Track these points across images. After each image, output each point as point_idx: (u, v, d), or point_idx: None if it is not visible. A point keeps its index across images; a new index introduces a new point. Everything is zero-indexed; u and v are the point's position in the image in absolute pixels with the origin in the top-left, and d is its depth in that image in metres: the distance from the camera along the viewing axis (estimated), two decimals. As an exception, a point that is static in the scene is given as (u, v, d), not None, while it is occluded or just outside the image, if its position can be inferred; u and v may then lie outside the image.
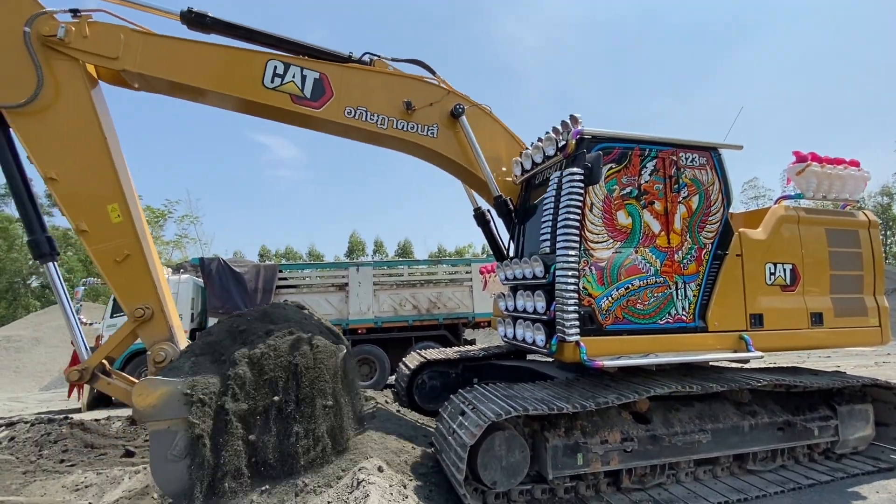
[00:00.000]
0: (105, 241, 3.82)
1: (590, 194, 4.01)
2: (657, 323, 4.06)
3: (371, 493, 3.11)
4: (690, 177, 4.34)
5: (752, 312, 4.33)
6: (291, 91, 4.37)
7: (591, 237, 4.02)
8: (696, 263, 4.23)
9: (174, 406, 3.35)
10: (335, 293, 10.10)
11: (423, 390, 6.37)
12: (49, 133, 3.76)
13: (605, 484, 3.75)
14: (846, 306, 4.74)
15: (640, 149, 4.25)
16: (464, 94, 5.05)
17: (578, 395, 3.62)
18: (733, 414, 4.06)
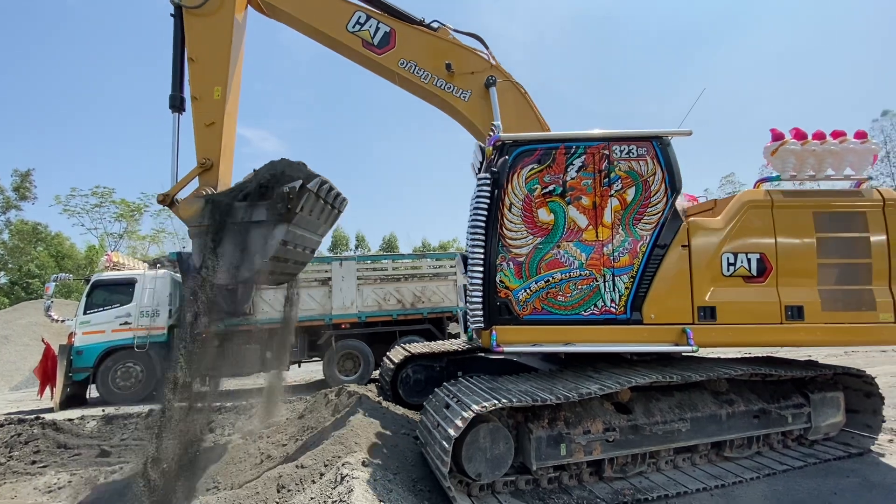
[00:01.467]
0: (204, 110, 5.12)
1: (509, 195, 4.30)
2: (581, 314, 4.18)
3: (355, 487, 3.09)
4: (626, 169, 4.31)
5: (700, 305, 4.13)
6: (364, 37, 5.46)
7: (510, 234, 4.30)
8: (629, 256, 4.23)
9: (203, 215, 4.77)
10: (318, 288, 9.98)
11: (408, 384, 6.36)
12: (203, 30, 5.20)
13: (587, 473, 3.80)
14: (841, 299, 4.19)
15: (565, 147, 4.38)
16: (507, 72, 5.53)
17: (562, 387, 3.65)
18: (711, 403, 4.15)
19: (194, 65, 5.18)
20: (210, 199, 4.78)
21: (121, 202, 31.56)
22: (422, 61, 5.44)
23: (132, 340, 9.12)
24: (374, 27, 5.42)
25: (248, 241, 4.76)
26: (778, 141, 4.50)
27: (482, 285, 4.17)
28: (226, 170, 5.26)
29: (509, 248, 4.27)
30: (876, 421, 4.66)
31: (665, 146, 4.32)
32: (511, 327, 4.16)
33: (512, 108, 5.38)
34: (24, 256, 29.77)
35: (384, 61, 5.44)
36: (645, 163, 4.30)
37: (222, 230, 4.71)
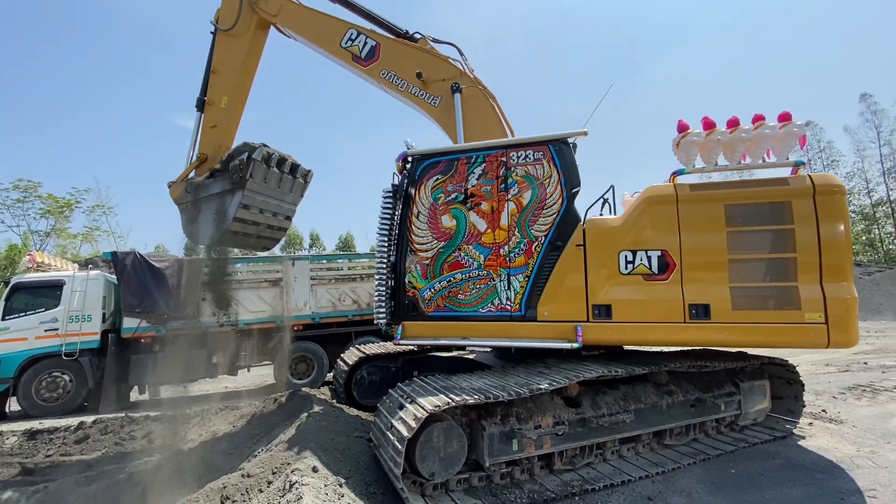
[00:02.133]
0: (212, 113, 6.41)
1: (416, 204, 4.84)
2: (479, 311, 4.55)
3: (304, 494, 3.00)
4: (522, 174, 4.55)
5: (595, 303, 4.20)
6: (354, 52, 6.19)
7: (417, 240, 4.83)
8: (524, 256, 4.44)
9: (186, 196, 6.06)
10: (269, 289, 9.62)
11: (363, 386, 6.26)
12: (227, 48, 6.46)
13: (538, 467, 3.89)
14: (758, 297, 3.90)
15: (466, 157, 4.78)
16: (475, 79, 5.90)
17: (514, 383, 3.72)
18: (653, 394, 4.37)
19: (214, 76, 6.49)
20: (187, 180, 6.09)
21: (48, 197, 28.98)
22: (400, 71, 6.02)
23: (59, 348, 8.40)
24: (363, 42, 6.17)
25: (218, 208, 5.76)
26: (681, 132, 4.42)
27: (384, 286, 4.79)
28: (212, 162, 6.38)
29: (416, 252, 4.80)
30: (797, 406, 5.09)
31: (561, 148, 4.51)
32: (417, 323, 4.73)
33: (476, 113, 5.64)
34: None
35: (369, 73, 6.17)
36: (541, 166, 4.51)
37: (198, 204, 5.96)
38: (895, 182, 40.07)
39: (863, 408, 5.93)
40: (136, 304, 8.55)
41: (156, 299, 8.57)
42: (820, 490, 3.69)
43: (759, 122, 4.24)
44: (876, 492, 3.62)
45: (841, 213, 3.92)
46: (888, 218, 40.86)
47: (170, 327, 8.76)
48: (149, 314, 8.59)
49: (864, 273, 25.75)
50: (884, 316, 20.11)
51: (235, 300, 9.30)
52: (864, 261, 39.12)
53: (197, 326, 8.94)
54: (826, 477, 3.92)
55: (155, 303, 8.55)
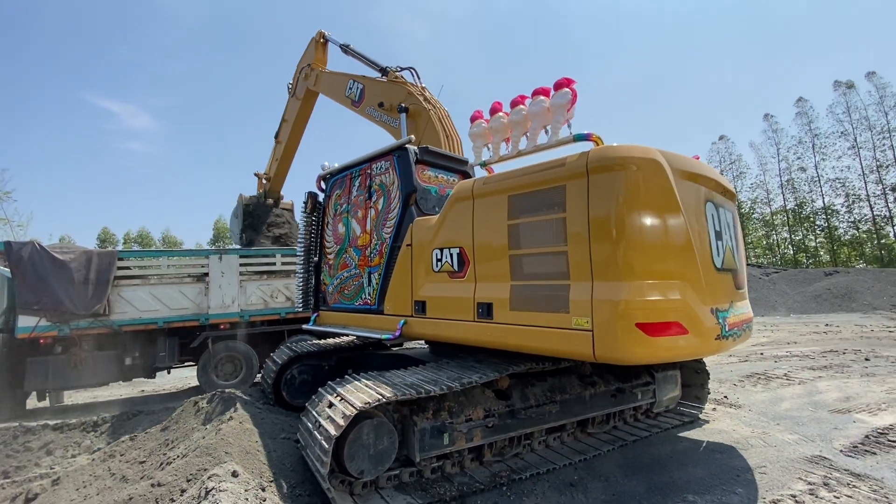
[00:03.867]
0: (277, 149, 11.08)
1: (327, 215, 5.89)
2: (354, 304, 5.26)
3: (221, 500, 2.84)
4: (379, 183, 5.10)
5: (416, 299, 4.40)
6: (352, 97, 7.86)
7: (326, 244, 5.88)
8: (379, 256, 4.94)
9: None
10: (192, 284, 8.96)
11: (293, 385, 6.02)
12: (292, 106, 10.33)
13: (469, 460, 3.96)
14: (531, 297, 3.42)
15: (350, 172, 5.54)
16: (424, 99, 6.63)
17: (446, 378, 3.75)
18: (577, 385, 4.60)
19: (284, 123, 10.37)
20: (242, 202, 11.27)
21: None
22: (374, 105, 7.31)
23: (-65, 351, 7.30)
24: (357, 88, 7.79)
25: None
26: (472, 122, 4.32)
27: (301, 285, 6.05)
28: (277, 184, 11.44)
29: (326, 254, 5.84)
30: (703, 393, 5.58)
31: (400, 156, 4.91)
32: (326, 312, 5.76)
33: (418, 129, 6.35)
34: None
35: (360, 113, 7.63)
36: (388, 174, 4.99)
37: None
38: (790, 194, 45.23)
39: (758, 393, 6.63)
40: (33, 301, 7.62)
41: (58, 295, 7.69)
42: (719, 469, 4.07)
43: (536, 97, 3.82)
44: (766, 468, 4.05)
45: (619, 194, 3.04)
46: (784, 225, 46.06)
47: (75, 326, 7.90)
48: (49, 311, 7.69)
49: (763, 274, 28.88)
50: (778, 312, 22.65)
51: (155, 297, 8.59)
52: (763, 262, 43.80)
53: (107, 325, 8.13)
54: (725, 457, 4.33)
55: (57, 299, 7.67)
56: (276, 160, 10.60)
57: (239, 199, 11.85)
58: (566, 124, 3.72)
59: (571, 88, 3.61)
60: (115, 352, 8.28)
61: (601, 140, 3.39)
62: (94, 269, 8.04)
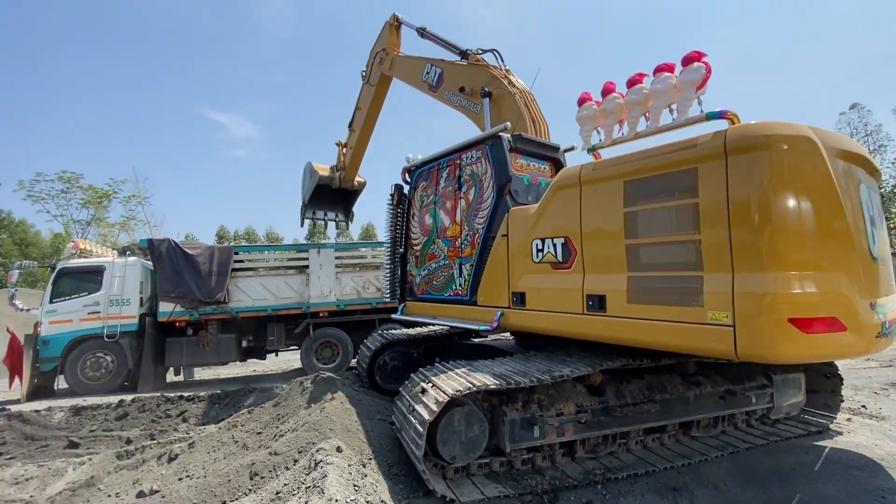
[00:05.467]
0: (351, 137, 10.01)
1: (414, 207, 5.97)
2: (444, 295, 5.31)
3: (329, 473, 3.08)
4: (470, 173, 5.02)
5: (514, 291, 4.32)
6: (430, 82, 7.35)
7: (413, 236, 5.98)
8: (470, 247, 4.89)
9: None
10: (295, 276, 9.84)
11: (385, 370, 6.35)
12: (366, 93, 9.28)
13: (560, 454, 3.87)
14: (656, 289, 3.16)
15: (437, 164, 5.54)
16: (509, 82, 6.14)
17: (535, 370, 3.70)
18: (680, 385, 4.27)
19: (357, 111, 9.68)
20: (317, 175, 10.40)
21: (88, 188, 30.36)
22: (454, 89, 6.91)
23: (101, 330, 8.84)
24: (434, 72, 7.32)
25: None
26: (580, 105, 3.96)
27: (389, 276, 6.28)
28: (351, 172, 10.51)
29: (412, 245, 5.95)
30: (835, 400, 4.88)
31: (494, 144, 4.75)
32: (413, 303, 5.91)
33: (503, 114, 5.95)
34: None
35: (438, 97, 7.27)
36: (481, 164, 4.88)
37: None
38: (949, 169, 37.47)
39: (907, 404, 5.64)
40: (170, 290, 8.90)
41: (189, 285, 8.89)
42: (858, 487, 3.53)
43: (660, 73, 3.42)
44: (919, 491, 3.45)
45: (766, 176, 2.73)
46: (940, 206, 38.33)
47: (202, 312, 9.09)
48: (182, 299, 8.93)
49: (913, 265, 24.30)
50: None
51: (265, 287, 9.57)
52: (910, 252, 36.76)
53: (227, 311, 9.24)
54: (865, 475, 3.75)
55: (188, 288, 8.87)
56: (351, 148, 9.99)
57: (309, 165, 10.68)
58: (696, 102, 3.32)
59: (704, 62, 3.21)
60: (234, 335, 9.39)
61: (737, 118, 3.06)
62: (216, 262, 9.16)
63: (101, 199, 30.60)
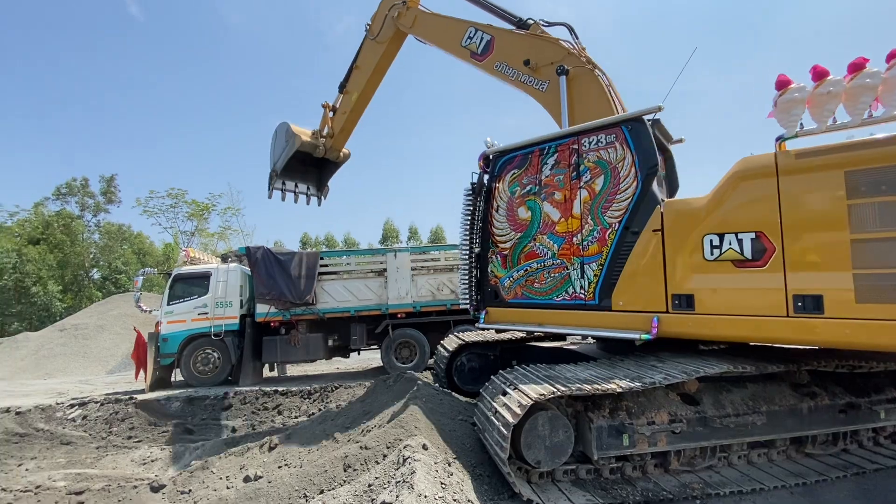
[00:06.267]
0: (345, 102, 8.31)
1: (496, 199, 5.19)
2: (553, 299, 4.64)
3: (417, 469, 3.19)
4: (594, 160, 4.41)
5: (675, 293, 3.83)
6: (472, 49, 6.42)
7: (497, 232, 5.18)
8: (598, 244, 4.31)
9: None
10: (374, 279, 10.29)
11: (462, 372, 6.43)
12: (373, 51, 7.78)
13: (652, 465, 3.68)
14: (893, 287, 3.04)
15: (539, 150, 4.85)
16: (585, 59, 5.53)
17: (623, 376, 3.55)
18: (790, 396, 3.87)
19: (356, 70, 8.04)
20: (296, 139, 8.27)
21: (192, 202, 34.06)
22: (511, 61, 6.07)
23: (209, 329, 9.89)
24: (480, 38, 6.40)
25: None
26: (780, 89, 3.63)
27: (468, 278, 5.33)
28: (339, 141, 8.62)
29: (497, 243, 5.15)
30: None
31: (636, 127, 4.18)
32: (499, 309, 5.13)
33: (582, 95, 5.38)
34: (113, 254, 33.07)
35: (484, 67, 6.40)
36: (614, 149, 4.31)
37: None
38: None
39: None
40: (266, 293, 9.72)
41: (281, 288, 9.66)
42: None
43: (894, 60, 3.19)
44: None
45: None
46: None
47: (293, 313, 9.83)
48: (276, 301, 9.72)
49: None
50: None
51: (347, 289, 10.13)
52: None
53: (314, 312, 9.90)
54: None
55: (280, 291, 9.63)
56: (344, 113, 8.29)
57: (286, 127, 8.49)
58: None
59: None
60: (321, 334, 10.04)
61: None
62: (305, 266, 9.87)
63: (202, 212, 34.20)
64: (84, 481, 5.03)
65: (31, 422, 7.44)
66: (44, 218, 32.20)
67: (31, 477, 5.27)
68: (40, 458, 5.95)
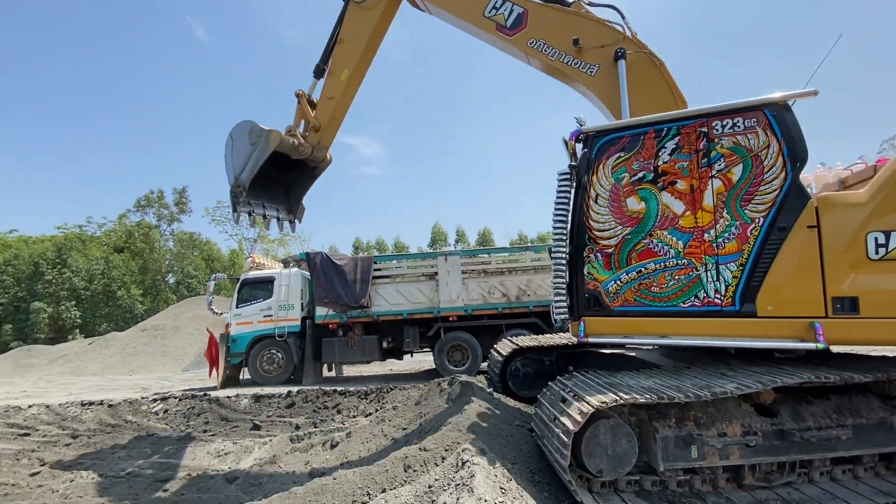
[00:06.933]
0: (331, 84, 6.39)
1: (594, 186, 4.27)
2: (678, 306, 3.94)
3: (476, 473, 3.23)
4: (730, 145, 3.88)
5: (836, 296, 3.51)
6: (498, 21, 5.54)
7: (597, 226, 4.27)
8: (737, 241, 3.80)
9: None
10: (426, 282, 10.47)
11: (517, 377, 6.39)
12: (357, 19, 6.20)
13: (723, 479, 3.49)
14: None
15: (655, 131, 4.14)
16: (641, 43, 5.14)
17: (691, 384, 3.40)
18: (879, 408, 3.54)
19: (340, 45, 6.35)
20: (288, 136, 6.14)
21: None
22: (550, 39, 5.38)
23: (273, 330, 10.49)
24: (509, 10, 5.53)
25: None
26: None
27: (565, 280, 4.28)
28: (328, 135, 6.59)
29: (597, 239, 4.26)
30: None
31: (781, 113, 3.75)
32: (601, 318, 4.19)
33: (643, 82, 5.04)
34: (185, 261, 35.79)
35: (515, 42, 5.52)
36: (755, 135, 3.82)
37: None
38: None
39: None
40: (324, 296, 10.18)
41: (338, 291, 10.07)
42: None
43: None
44: None
45: None
46: None
47: (350, 315, 10.21)
48: (333, 304, 10.15)
49: None
50: None
51: (400, 293, 10.38)
52: None
53: (369, 315, 10.23)
54: None
55: (337, 294, 10.05)
56: (331, 98, 6.45)
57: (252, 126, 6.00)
58: None
59: None
60: (376, 336, 10.36)
61: None
62: (359, 270, 10.23)
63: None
64: (168, 470, 5.50)
65: (121, 414, 8.23)
66: (126, 228, 35.41)
67: (122, 464, 5.83)
68: (130, 447, 6.56)
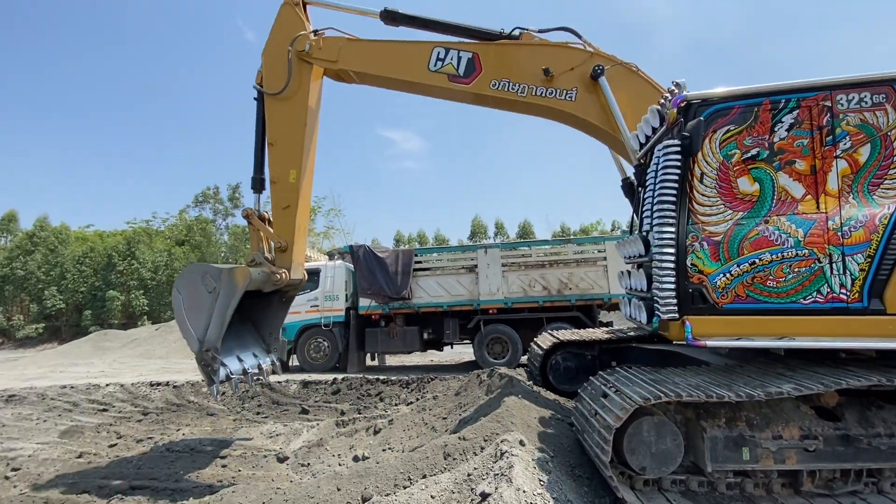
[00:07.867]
0: (280, 193, 5.51)
1: (699, 164, 3.75)
2: (799, 302, 3.52)
3: (515, 464, 3.23)
4: (856, 123, 3.52)
5: None
6: (448, 72, 5.24)
7: (702, 210, 3.76)
8: (865, 230, 3.43)
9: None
10: (466, 275, 10.51)
11: (558, 371, 6.31)
12: (281, 114, 5.52)
13: (778, 484, 3.31)
14: None
15: (770, 102, 3.69)
16: (609, 55, 5.05)
17: (743, 384, 3.23)
18: (965, 418, 3.21)
19: (273, 149, 5.51)
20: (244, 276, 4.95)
21: (301, 206, 37.60)
22: (514, 75, 5.10)
23: (319, 320, 10.91)
24: (455, 58, 5.21)
25: None
26: None
27: (674, 269, 3.69)
28: (299, 250, 5.68)
29: (702, 225, 3.73)
30: None
31: None
32: (708, 317, 3.66)
33: (629, 91, 4.95)
34: (239, 253, 37.75)
35: (475, 88, 5.18)
36: (884, 113, 3.47)
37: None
38: None
39: None
40: (367, 287, 10.45)
41: (380, 283, 10.31)
42: None
43: None
44: None
45: None
46: None
47: (391, 306, 10.43)
48: (375, 295, 10.41)
49: None
50: None
51: (440, 285, 10.49)
52: None
53: (411, 306, 10.40)
54: None
55: (379, 286, 10.29)
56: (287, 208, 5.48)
57: (201, 269, 5.07)
58: None
59: None
60: (417, 328, 10.53)
61: None
62: (401, 262, 10.41)
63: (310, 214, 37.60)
64: (226, 447, 5.87)
65: (184, 395, 8.87)
66: (186, 222, 37.77)
67: (186, 440, 6.29)
68: (193, 425, 7.06)
